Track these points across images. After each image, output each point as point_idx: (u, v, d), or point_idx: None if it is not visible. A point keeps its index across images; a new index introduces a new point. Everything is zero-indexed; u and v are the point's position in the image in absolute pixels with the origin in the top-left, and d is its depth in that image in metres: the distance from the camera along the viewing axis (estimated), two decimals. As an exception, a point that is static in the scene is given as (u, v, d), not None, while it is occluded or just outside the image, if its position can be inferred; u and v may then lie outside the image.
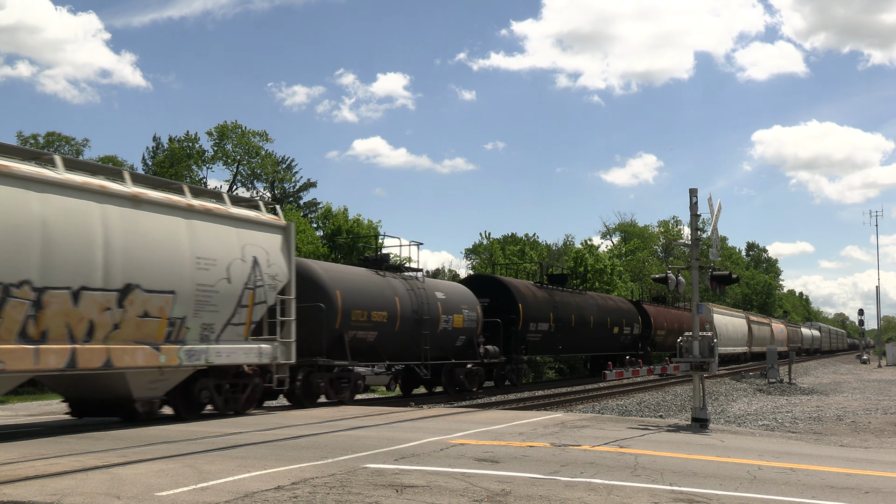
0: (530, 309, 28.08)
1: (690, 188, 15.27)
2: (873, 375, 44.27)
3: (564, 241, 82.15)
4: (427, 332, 21.50)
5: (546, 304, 29.48)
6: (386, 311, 20.21)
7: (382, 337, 20.18)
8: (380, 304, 20.09)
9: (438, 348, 22.42)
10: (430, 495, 7.40)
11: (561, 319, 30.17)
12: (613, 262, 57.57)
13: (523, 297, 27.88)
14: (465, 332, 23.73)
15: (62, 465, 8.83)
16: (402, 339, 20.98)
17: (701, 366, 14.80)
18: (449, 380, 23.28)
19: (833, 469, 10.25)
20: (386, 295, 20.51)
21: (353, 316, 18.97)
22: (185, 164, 58.09)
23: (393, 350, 20.96)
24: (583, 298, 33.92)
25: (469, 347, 24.04)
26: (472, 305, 24.41)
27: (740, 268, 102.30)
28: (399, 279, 21.69)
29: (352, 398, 19.27)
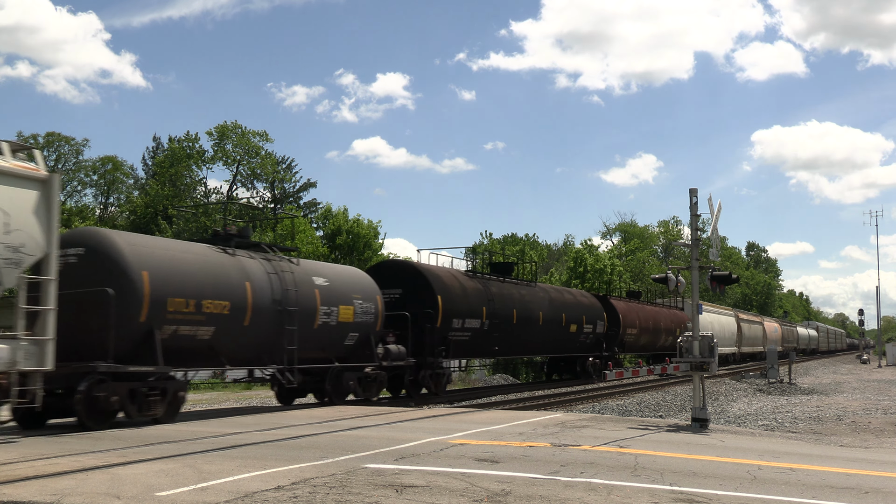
0: (454, 302, 22.98)
1: (690, 188, 15.29)
2: (873, 375, 44.27)
3: (564, 241, 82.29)
4: (294, 329, 16.65)
5: (478, 297, 24.46)
6: (229, 299, 15.33)
7: (223, 334, 15.33)
8: (219, 290, 15.22)
9: (318, 348, 18.06)
10: (430, 495, 7.40)
11: (498, 315, 25.17)
12: (613, 262, 57.59)
13: (444, 287, 22.86)
14: (357, 329, 19.00)
15: (62, 465, 8.83)
16: (258, 336, 16.22)
17: (701, 366, 14.81)
18: (336, 387, 18.67)
19: (833, 469, 10.25)
20: (231, 279, 15.64)
21: (170, 306, 14.18)
22: (185, 164, 58.09)
23: (243, 350, 16.26)
24: (530, 291, 28.55)
25: (365, 347, 19.46)
26: (369, 295, 19.60)
27: (740, 268, 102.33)
28: (258, 260, 16.84)
29: (170, 415, 14.32)
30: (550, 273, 61.90)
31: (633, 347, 38.70)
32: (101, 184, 58.47)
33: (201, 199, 56.73)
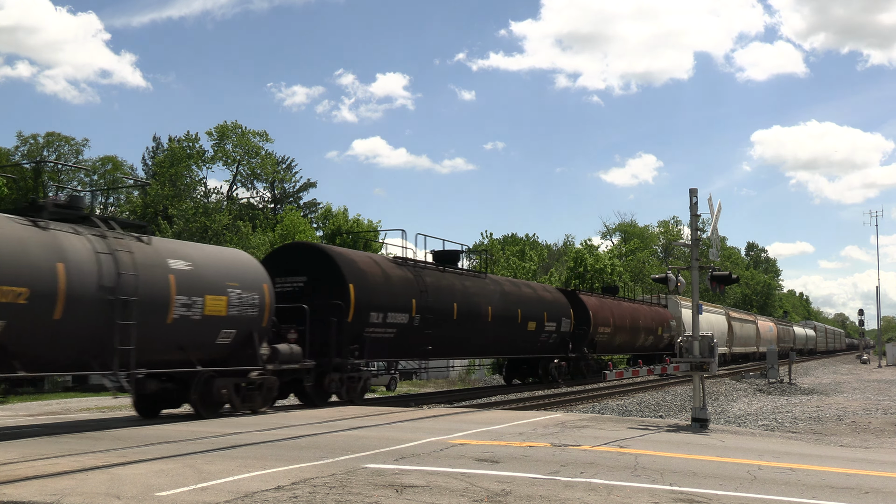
0: (372, 292, 19.36)
1: (690, 188, 15.28)
2: (873, 375, 44.27)
3: (564, 241, 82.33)
4: (131, 324, 13.06)
5: (406, 288, 20.71)
6: (27, 286, 11.72)
7: (16, 330, 11.69)
8: (11, 273, 11.58)
9: (176, 348, 14.47)
10: (430, 495, 7.39)
11: (432, 309, 21.41)
12: (613, 262, 57.59)
13: (359, 274, 19.18)
14: (234, 324, 15.44)
15: (62, 465, 8.83)
16: (75, 332, 12.62)
17: (701, 366, 14.81)
18: (204, 396, 14.98)
19: (833, 469, 10.25)
20: (32, 259, 12.02)
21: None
22: (185, 164, 58.11)
23: (52, 352, 12.60)
24: (477, 283, 24.81)
25: (248, 347, 15.93)
26: (252, 283, 16.04)
27: (740, 268, 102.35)
28: (85, 236, 13.25)
29: None
30: (550, 273, 61.92)
31: (607, 348, 35.37)
32: (101, 184, 58.45)
33: (201, 199, 56.72)
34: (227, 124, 60.34)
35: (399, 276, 20.90)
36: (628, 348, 38.08)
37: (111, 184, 54.84)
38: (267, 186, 65.67)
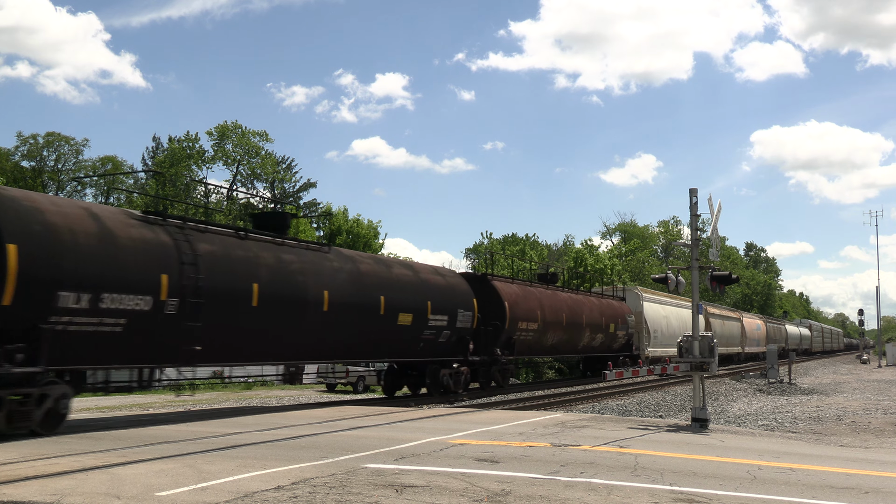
0: (60, 257, 12.47)
1: (690, 188, 15.29)
2: (873, 375, 44.27)
3: (564, 241, 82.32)
4: None
5: (148, 257, 13.96)
6: None
7: None
8: None
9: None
10: (430, 495, 7.40)
11: (203, 291, 14.69)
12: (613, 262, 57.60)
13: (42, 231, 12.37)
14: None
15: (62, 465, 8.82)
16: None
17: (701, 366, 14.81)
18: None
19: (833, 469, 10.25)
20: None
21: None
22: (185, 164, 58.12)
23: None
24: (308, 257, 18.04)
25: None
26: None
27: (739, 268, 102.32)
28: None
29: None
30: (550, 273, 61.84)
31: (535, 348, 28.54)
32: (100, 184, 58.48)
33: (201, 199, 56.74)
34: (227, 124, 60.37)
35: (138, 238, 13.98)
36: (566, 349, 31.00)
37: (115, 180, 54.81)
38: (267, 186, 65.70)
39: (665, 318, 41.43)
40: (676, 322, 42.83)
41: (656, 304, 40.75)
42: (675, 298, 44.12)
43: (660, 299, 41.49)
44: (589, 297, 33.62)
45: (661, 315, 41.07)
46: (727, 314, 55.57)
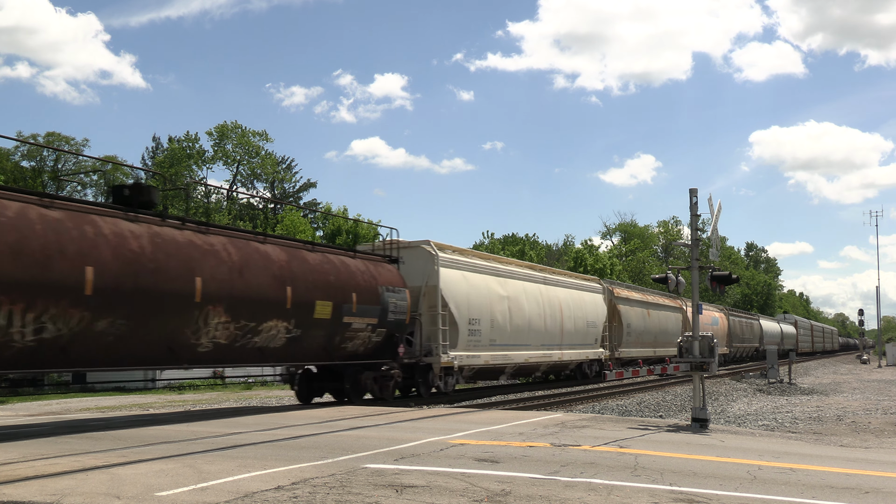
0: None
1: (690, 188, 15.27)
2: (873, 375, 44.26)
3: (564, 241, 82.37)
4: None
5: None
6: None
7: None
8: None
9: None
10: (430, 495, 7.39)
11: None
12: (613, 262, 57.57)
13: None
14: None
15: (62, 465, 8.82)
16: None
17: (701, 366, 14.81)
18: None
19: (833, 469, 10.25)
20: None
21: None
22: (185, 164, 58.14)
23: None
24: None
25: None
26: None
27: (740, 268, 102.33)
28: None
29: None
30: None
31: None
32: (101, 184, 58.48)
33: (201, 199, 56.74)
34: (227, 124, 60.40)
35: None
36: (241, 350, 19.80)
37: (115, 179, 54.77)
38: (267, 186, 65.71)
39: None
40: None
41: (472, 272, 23.51)
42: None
43: (475, 264, 24.08)
44: (326, 256, 18.38)
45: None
46: (658, 301, 41.16)
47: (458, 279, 22.43)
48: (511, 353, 25.13)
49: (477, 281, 23.53)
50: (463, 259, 23.47)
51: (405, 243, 21.90)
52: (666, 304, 42.23)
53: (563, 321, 28.82)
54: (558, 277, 30.55)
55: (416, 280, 21.16)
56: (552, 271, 31.15)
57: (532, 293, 27.01)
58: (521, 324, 25.72)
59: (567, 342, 29.19)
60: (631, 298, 37.22)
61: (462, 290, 22.48)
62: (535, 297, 27.02)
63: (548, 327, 27.60)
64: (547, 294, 28.16)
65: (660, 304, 41.29)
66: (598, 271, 53.35)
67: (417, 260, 21.69)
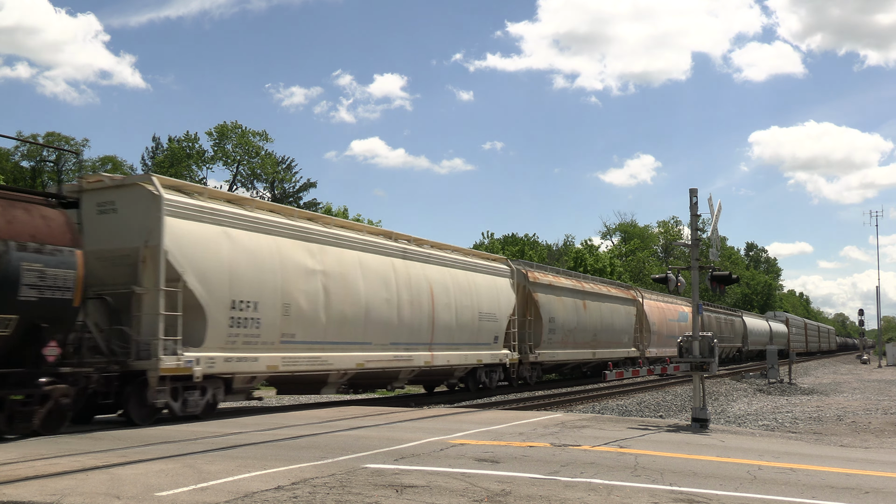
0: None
1: (690, 188, 15.26)
2: (873, 375, 44.25)
3: (564, 241, 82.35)
4: None
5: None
6: None
7: None
8: None
9: None
10: (430, 495, 7.39)
11: None
12: (613, 262, 57.55)
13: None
14: None
15: (62, 465, 8.82)
16: None
17: (701, 366, 14.80)
18: None
19: (833, 469, 10.25)
20: None
21: None
22: (184, 164, 58.13)
23: None
24: None
25: None
26: None
27: (740, 268, 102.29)
28: None
29: None
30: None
31: None
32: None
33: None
34: (227, 124, 60.40)
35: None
36: None
37: None
38: (267, 186, 65.68)
39: (310, 272, 17.06)
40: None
41: (245, 229, 15.78)
42: (328, 224, 18.93)
43: (255, 219, 16.21)
44: None
45: (254, 259, 15.87)
46: (601, 290, 33.73)
47: (208, 238, 14.78)
48: (330, 356, 17.39)
49: (255, 244, 15.59)
50: (226, 209, 15.26)
51: (110, 181, 14.82)
52: (613, 295, 34.47)
53: (436, 311, 21.30)
54: (430, 251, 22.21)
55: (132, 238, 14.01)
56: (421, 242, 22.34)
57: (377, 269, 19.13)
58: (350, 312, 17.95)
59: (443, 340, 21.64)
60: (556, 285, 29.19)
61: (217, 255, 14.70)
62: (382, 276, 19.26)
63: (405, 319, 19.99)
64: (407, 272, 20.36)
65: (603, 293, 33.47)
66: (599, 271, 53.28)
67: (135, 207, 14.28)
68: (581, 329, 30.53)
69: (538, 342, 27.41)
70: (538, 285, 27.98)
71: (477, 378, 24.26)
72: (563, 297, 29.57)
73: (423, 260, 21.66)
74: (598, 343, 32.10)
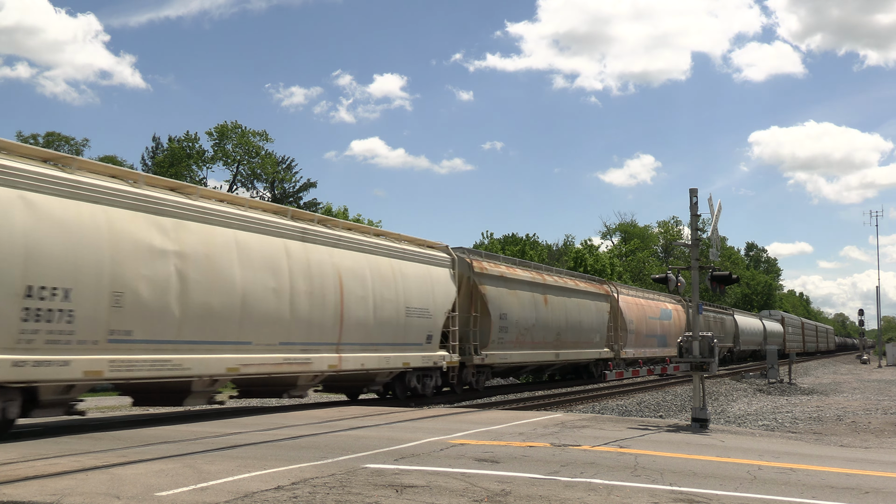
0: None
1: (691, 188, 15.27)
2: (873, 375, 44.25)
3: (564, 241, 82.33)
4: None
5: None
6: None
7: None
8: None
9: None
10: (430, 495, 7.39)
11: None
12: (613, 261, 57.54)
13: None
14: None
15: (62, 465, 8.82)
16: None
17: (701, 366, 14.80)
18: None
19: (833, 469, 10.25)
20: None
21: None
22: (185, 164, 58.11)
23: None
24: None
25: None
26: None
27: (740, 268, 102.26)
28: None
29: None
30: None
31: None
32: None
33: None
34: (227, 124, 60.36)
35: None
36: None
37: None
38: (267, 186, 65.67)
39: (160, 252, 13.72)
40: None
41: (49, 193, 12.11)
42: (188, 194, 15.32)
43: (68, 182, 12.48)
44: None
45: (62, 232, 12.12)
46: (566, 284, 29.95)
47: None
48: (188, 359, 14.03)
49: (70, 213, 12.33)
50: (25, 168, 11.83)
51: None
52: (581, 289, 30.90)
53: (347, 305, 18.06)
54: (340, 233, 18.71)
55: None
56: (330, 222, 19.17)
57: (261, 252, 15.84)
58: (219, 304, 14.67)
59: (356, 340, 18.48)
60: (509, 277, 25.75)
61: (5, 225, 11.32)
62: (269, 260, 15.98)
63: (301, 313, 16.68)
64: (306, 258, 17.09)
65: (569, 287, 30.05)
66: (599, 271, 53.28)
67: None
68: (541, 327, 27.15)
69: (485, 342, 24.04)
70: (486, 276, 24.41)
71: (406, 383, 21.10)
72: (518, 290, 25.99)
73: (332, 244, 18.09)
74: (563, 343, 28.63)
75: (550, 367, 30.42)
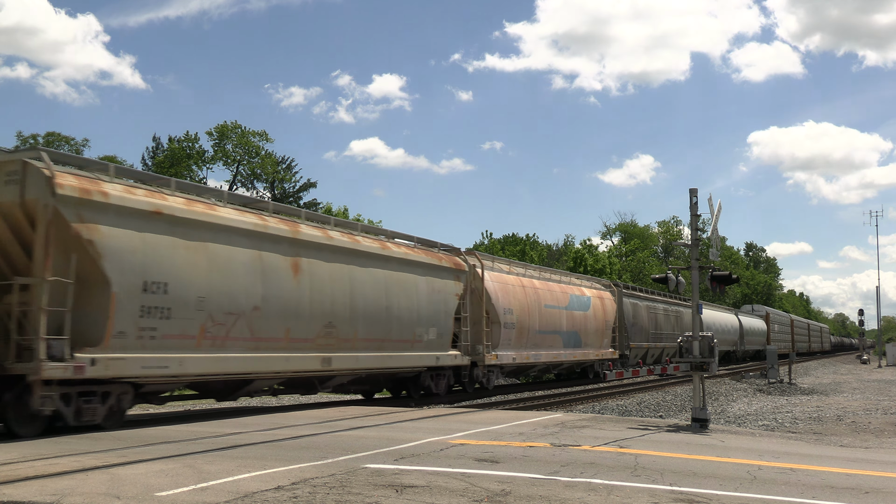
0: None
1: (690, 188, 15.27)
2: (873, 375, 44.25)
3: (564, 241, 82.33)
4: None
5: None
6: None
7: None
8: None
9: None
10: (430, 495, 7.39)
11: None
12: (613, 261, 57.55)
13: None
14: None
15: (62, 465, 8.82)
16: None
17: (701, 366, 14.80)
18: None
19: (833, 469, 10.25)
20: None
21: None
22: (185, 164, 58.12)
23: None
24: None
25: None
26: None
27: (740, 268, 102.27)
28: None
29: None
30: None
31: None
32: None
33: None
34: (227, 124, 60.37)
35: None
36: None
37: None
38: (267, 186, 65.67)
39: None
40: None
41: None
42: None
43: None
44: None
45: None
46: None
47: None
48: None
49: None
50: None
51: None
52: (395, 257, 20.84)
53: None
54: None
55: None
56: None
57: None
58: None
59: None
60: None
61: None
62: None
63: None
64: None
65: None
66: (598, 271, 53.30)
67: None
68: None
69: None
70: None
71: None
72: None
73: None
74: (328, 346, 17.30)
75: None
